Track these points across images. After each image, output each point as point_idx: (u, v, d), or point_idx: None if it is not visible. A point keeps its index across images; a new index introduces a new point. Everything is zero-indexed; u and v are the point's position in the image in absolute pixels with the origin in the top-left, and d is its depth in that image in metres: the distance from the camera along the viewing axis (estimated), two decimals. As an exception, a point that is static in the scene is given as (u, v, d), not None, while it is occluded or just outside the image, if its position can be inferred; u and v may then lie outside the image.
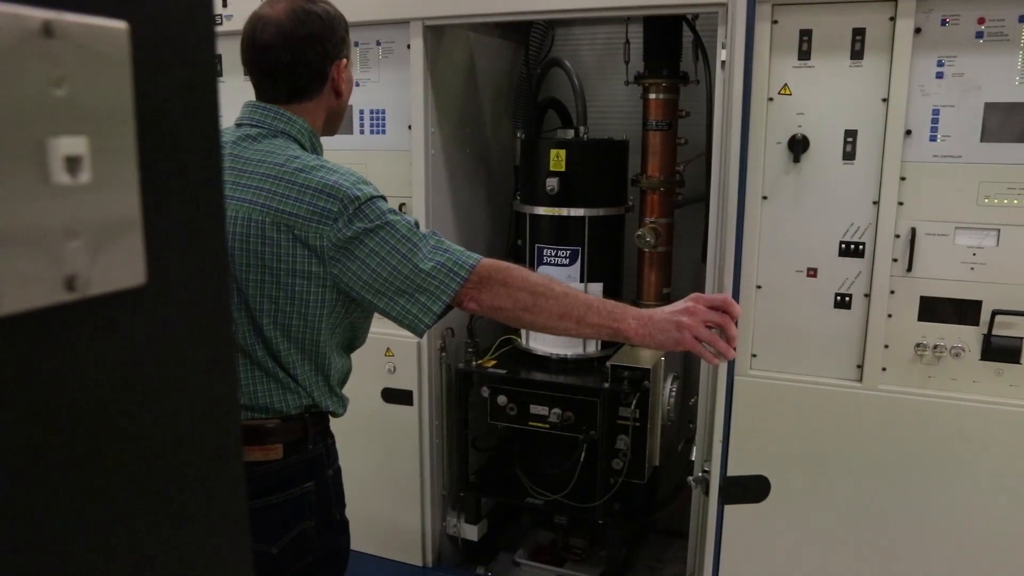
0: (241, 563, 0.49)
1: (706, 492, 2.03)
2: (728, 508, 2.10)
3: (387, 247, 1.35)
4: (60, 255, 0.35)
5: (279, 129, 1.44)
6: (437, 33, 2.28)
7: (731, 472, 2.07)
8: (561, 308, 1.40)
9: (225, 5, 2.38)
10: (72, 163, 0.34)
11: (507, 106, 2.78)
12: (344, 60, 1.48)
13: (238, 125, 1.47)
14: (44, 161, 0.33)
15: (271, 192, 1.36)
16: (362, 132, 2.39)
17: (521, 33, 2.68)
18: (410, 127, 2.30)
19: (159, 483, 0.42)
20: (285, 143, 1.43)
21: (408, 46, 2.25)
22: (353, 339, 1.56)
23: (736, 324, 1.46)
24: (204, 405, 0.43)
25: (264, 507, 1.44)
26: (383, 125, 2.36)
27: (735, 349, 1.45)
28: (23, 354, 0.34)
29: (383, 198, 1.41)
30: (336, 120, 1.56)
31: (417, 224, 1.41)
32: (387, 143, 2.36)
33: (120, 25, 0.35)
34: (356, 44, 2.34)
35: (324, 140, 2.44)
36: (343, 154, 2.37)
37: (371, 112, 2.38)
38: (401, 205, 2.33)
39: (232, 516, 0.48)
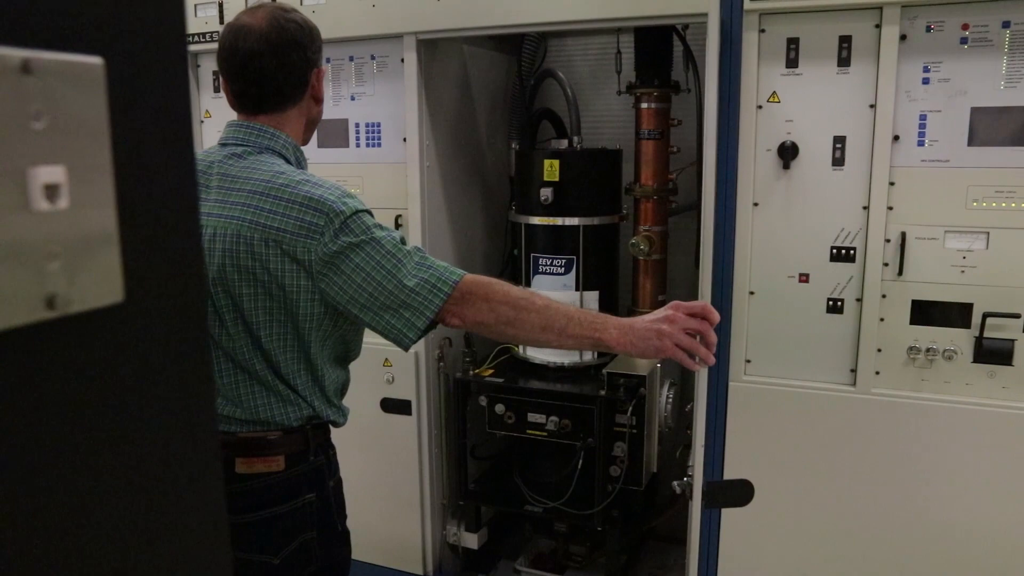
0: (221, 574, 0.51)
1: (692, 497, 2.05)
2: (725, 513, 2.11)
3: (372, 263, 1.37)
4: (41, 276, 0.37)
5: (264, 145, 1.47)
6: (430, 47, 2.31)
7: (727, 478, 2.08)
8: (543, 321, 1.43)
9: (222, 22, 2.41)
10: (51, 190, 0.36)
11: (501, 117, 2.81)
12: (321, 68, 1.54)
13: (223, 145, 1.49)
14: (24, 189, 0.36)
15: (258, 208, 1.38)
16: (358, 145, 2.42)
17: (514, 45, 2.71)
18: (405, 139, 2.33)
19: (138, 497, 0.44)
20: (270, 158, 1.46)
21: (402, 60, 2.28)
22: (347, 352, 1.58)
23: (724, 329, 1.48)
24: (182, 419, 0.45)
25: (266, 518, 1.47)
26: (379, 138, 2.39)
27: (715, 355, 1.48)
28: (5, 369, 0.36)
29: (368, 212, 1.43)
30: (312, 128, 1.60)
31: (403, 240, 1.44)
32: (383, 156, 2.39)
33: (96, 61, 0.38)
34: (351, 59, 2.38)
35: (321, 152, 2.47)
36: (340, 167, 2.40)
37: (367, 125, 2.40)
38: (398, 217, 2.36)
39: (212, 529, 0.50)
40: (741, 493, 1.45)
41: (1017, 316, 1.83)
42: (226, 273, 1.40)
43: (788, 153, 1.94)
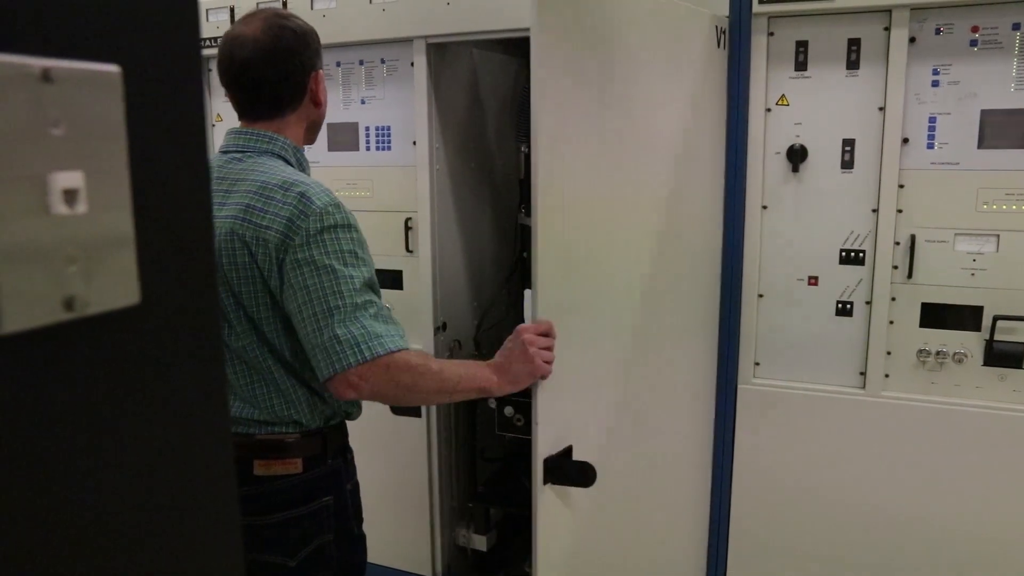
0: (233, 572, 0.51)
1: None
2: (732, 516, 2.11)
3: (319, 292, 1.36)
4: (60, 278, 0.38)
5: (263, 149, 1.49)
6: (440, 50, 2.32)
7: (737, 482, 2.08)
8: (438, 384, 1.46)
9: (233, 27, 2.43)
10: (70, 195, 0.38)
11: (510, 120, 2.82)
12: (320, 71, 1.54)
13: (223, 152, 1.51)
14: (44, 194, 0.37)
15: (250, 207, 1.40)
16: (368, 149, 2.43)
17: (523, 48, 2.71)
18: (415, 143, 2.34)
19: (152, 495, 0.45)
20: (270, 160, 1.48)
21: (412, 64, 2.29)
22: None
23: (733, 331, 1.49)
24: (196, 418, 0.46)
25: (284, 520, 1.48)
26: (389, 141, 2.41)
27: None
28: (26, 368, 0.37)
29: (351, 229, 1.42)
30: (315, 130, 1.61)
31: (370, 284, 1.41)
32: (393, 159, 2.40)
33: (113, 69, 0.39)
34: (361, 62, 2.39)
35: (331, 156, 2.49)
36: (350, 171, 2.42)
37: (377, 129, 2.42)
38: (407, 220, 2.37)
39: (225, 529, 0.51)
40: (580, 474, 1.48)
41: (1028, 319, 1.82)
42: (225, 272, 1.41)
43: (797, 156, 1.94)
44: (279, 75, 1.47)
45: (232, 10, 2.46)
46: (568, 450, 1.54)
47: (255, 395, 1.47)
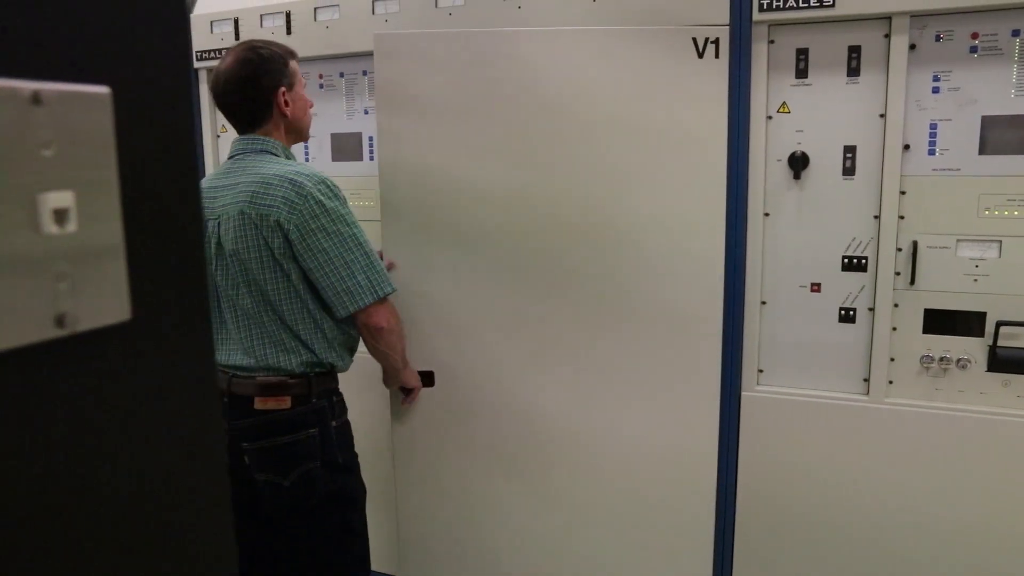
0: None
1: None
2: (738, 521, 2.11)
3: (335, 250, 1.76)
4: (51, 296, 0.39)
5: (259, 148, 1.88)
6: (442, 60, 2.33)
7: (742, 490, 2.08)
8: (401, 335, 1.96)
9: (237, 38, 2.46)
10: (60, 215, 0.38)
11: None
12: (283, 88, 1.87)
13: (233, 157, 1.90)
14: (35, 214, 0.38)
15: (255, 192, 1.78)
16: (371, 158, 2.44)
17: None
18: (418, 152, 2.35)
19: (145, 510, 0.46)
20: (264, 156, 1.87)
21: (414, 74, 2.30)
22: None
23: (736, 339, 1.47)
24: (187, 433, 0.47)
25: (277, 446, 1.83)
26: (391, 151, 2.41)
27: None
28: (18, 384, 0.38)
29: (339, 198, 1.79)
30: (301, 130, 1.97)
31: (363, 234, 1.82)
32: (396, 168, 2.41)
33: (103, 90, 0.40)
34: (364, 73, 2.41)
35: (335, 166, 2.52)
36: (354, 180, 2.43)
37: (380, 138, 2.43)
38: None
39: (219, 543, 0.51)
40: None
41: (1031, 325, 1.82)
42: (238, 244, 1.78)
43: (799, 163, 1.94)
44: (246, 99, 1.85)
45: (236, 22, 2.48)
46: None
47: (252, 347, 1.83)
